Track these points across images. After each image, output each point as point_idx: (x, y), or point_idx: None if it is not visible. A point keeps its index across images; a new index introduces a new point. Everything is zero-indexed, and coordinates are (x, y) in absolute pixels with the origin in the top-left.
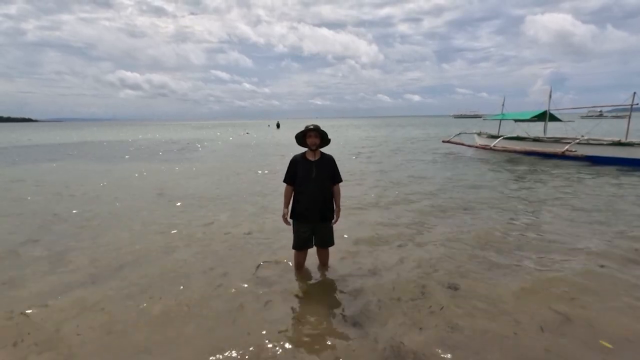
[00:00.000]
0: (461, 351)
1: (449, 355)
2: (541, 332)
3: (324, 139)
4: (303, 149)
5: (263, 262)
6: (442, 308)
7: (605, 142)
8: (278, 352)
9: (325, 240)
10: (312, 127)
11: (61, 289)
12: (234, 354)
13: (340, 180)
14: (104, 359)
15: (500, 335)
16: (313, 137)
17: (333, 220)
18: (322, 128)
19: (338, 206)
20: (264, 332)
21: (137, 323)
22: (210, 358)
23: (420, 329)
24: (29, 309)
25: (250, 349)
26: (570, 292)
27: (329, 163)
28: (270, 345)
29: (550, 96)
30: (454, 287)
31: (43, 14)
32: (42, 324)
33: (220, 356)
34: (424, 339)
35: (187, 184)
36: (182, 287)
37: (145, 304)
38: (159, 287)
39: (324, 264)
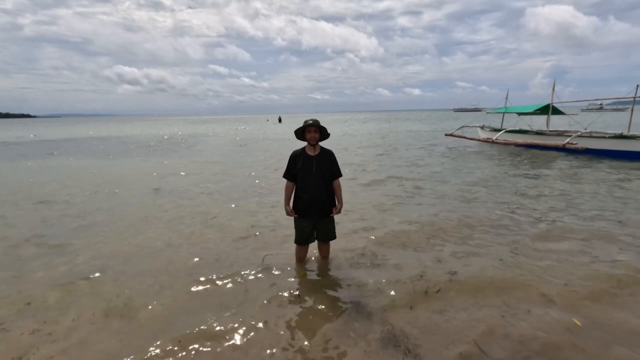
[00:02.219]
0: (445, 334)
1: (437, 337)
2: (527, 313)
3: (324, 133)
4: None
5: (267, 254)
6: (438, 291)
7: (607, 135)
8: (280, 332)
9: (327, 235)
10: (311, 122)
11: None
12: (237, 333)
13: (340, 175)
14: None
15: (487, 317)
16: (312, 132)
17: (335, 210)
18: (322, 123)
19: (340, 201)
20: (265, 313)
21: (150, 313)
22: (216, 335)
23: (411, 307)
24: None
25: (252, 330)
26: (560, 280)
27: (328, 158)
28: (271, 326)
29: (553, 89)
30: (452, 272)
31: (39, 9)
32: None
33: (226, 335)
34: (415, 320)
35: (186, 179)
36: (189, 277)
37: (156, 294)
38: (167, 278)
39: (324, 256)
